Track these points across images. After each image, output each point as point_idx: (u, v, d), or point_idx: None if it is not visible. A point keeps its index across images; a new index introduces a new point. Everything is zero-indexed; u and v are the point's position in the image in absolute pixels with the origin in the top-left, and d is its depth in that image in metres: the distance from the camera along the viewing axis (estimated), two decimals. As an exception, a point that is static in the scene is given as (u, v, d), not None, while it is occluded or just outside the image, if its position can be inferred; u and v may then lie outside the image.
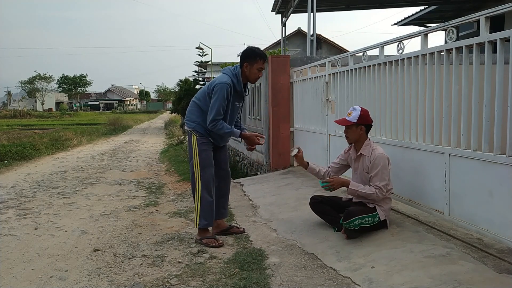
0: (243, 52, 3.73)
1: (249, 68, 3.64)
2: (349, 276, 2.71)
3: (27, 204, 5.74)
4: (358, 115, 3.33)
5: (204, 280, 2.90)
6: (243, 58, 3.68)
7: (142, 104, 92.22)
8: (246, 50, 3.70)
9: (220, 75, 3.69)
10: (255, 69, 3.65)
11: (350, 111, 3.40)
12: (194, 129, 3.68)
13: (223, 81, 3.56)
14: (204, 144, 3.65)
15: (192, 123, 3.71)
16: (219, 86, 3.54)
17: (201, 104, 3.68)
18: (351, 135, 3.41)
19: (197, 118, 3.69)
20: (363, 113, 3.35)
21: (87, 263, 3.39)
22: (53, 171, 8.94)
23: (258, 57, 3.63)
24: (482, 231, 2.81)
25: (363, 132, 3.38)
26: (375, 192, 3.20)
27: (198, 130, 3.67)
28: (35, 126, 28.00)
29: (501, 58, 2.67)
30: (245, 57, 3.66)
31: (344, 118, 3.41)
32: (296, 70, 6.69)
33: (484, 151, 2.76)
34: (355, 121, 3.33)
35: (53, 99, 70.33)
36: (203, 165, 3.62)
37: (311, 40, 9.96)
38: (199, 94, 3.76)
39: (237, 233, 3.84)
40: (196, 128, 3.68)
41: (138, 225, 4.50)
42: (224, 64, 22.32)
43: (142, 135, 22.27)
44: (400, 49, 3.65)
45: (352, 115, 3.36)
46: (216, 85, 3.57)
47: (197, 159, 3.63)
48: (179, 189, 6.57)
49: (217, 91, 3.54)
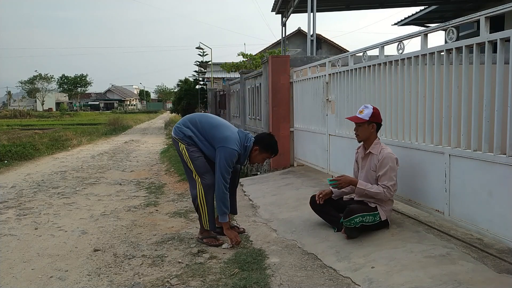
0: (262, 137, 3.74)
1: (257, 154, 3.69)
2: (349, 276, 2.71)
3: (27, 204, 5.74)
4: (370, 112, 3.32)
5: (204, 280, 2.90)
6: (258, 141, 3.68)
7: (142, 104, 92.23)
8: (266, 138, 3.72)
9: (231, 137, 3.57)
10: (261, 157, 3.73)
11: (362, 109, 3.38)
12: (181, 139, 3.63)
13: (234, 149, 3.52)
14: (195, 152, 3.61)
15: (180, 133, 3.65)
16: (230, 151, 3.50)
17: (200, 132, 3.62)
18: (362, 132, 3.40)
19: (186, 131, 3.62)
20: (375, 111, 3.35)
21: (87, 263, 3.39)
22: (53, 171, 8.94)
23: (271, 150, 3.72)
24: (482, 231, 2.81)
25: (374, 130, 3.37)
26: (383, 191, 3.20)
27: (186, 140, 3.62)
28: (35, 126, 27.98)
29: (501, 58, 2.67)
30: (261, 142, 3.68)
31: (356, 116, 3.40)
32: (296, 70, 6.69)
33: (484, 151, 2.76)
34: (368, 119, 3.32)
35: (53, 99, 70.30)
36: (200, 172, 3.61)
37: (311, 40, 9.97)
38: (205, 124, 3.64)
39: (238, 233, 3.84)
40: (184, 139, 3.63)
41: (138, 225, 4.50)
42: (224, 64, 22.33)
43: (142, 135, 22.25)
44: (400, 49, 3.64)
45: (364, 112, 3.34)
46: (226, 147, 3.50)
47: (192, 167, 3.62)
48: (179, 189, 6.57)
49: (226, 154, 3.50)
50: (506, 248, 2.69)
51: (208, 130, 3.62)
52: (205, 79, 26.22)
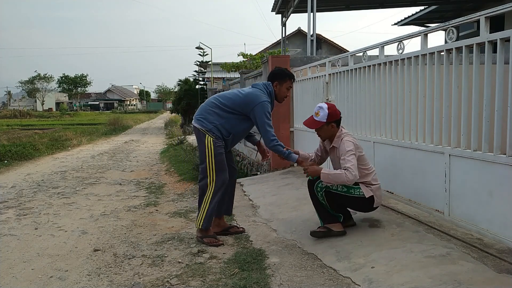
0: (271, 72, 3.77)
1: (279, 88, 3.70)
2: (349, 276, 2.71)
3: (27, 204, 5.74)
4: (326, 114, 3.27)
5: (204, 280, 2.90)
6: (272, 78, 3.72)
7: (142, 104, 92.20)
8: (274, 71, 3.74)
9: (254, 92, 3.61)
10: (285, 88, 3.72)
11: (317, 110, 3.33)
12: (210, 130, 3.56)
13: (264, 100, 3.54)
14: (220, 147, 3.57)
15: (209, 123, 3.57)
16: (261, 105, 3.51)
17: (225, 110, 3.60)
18: (323, 133, 3.39)
19: (215, 120, 3.58)
20: (331, 111, 3.29)
21: (87, 263, 3.39)
22: (53, 171, 8.94)
23: (287, 76, 3.72)
24: (482, 231, 2.81)
25: (334, 128, 3.35)
26: (344, 173, 3.13)
27: (215, 132, 3.57)
28: (35, 126, 27.99)
29: (501, 58, 2.67)
30: (274, 77, 3.71)
31: (313, 119, 3.34)
32: (296, 70, 6.69)
33: (484, 151, 2.76)
34: (325, 121, 3.29)
35: (53, 99, 70.29)
36: (218, 169, 3.56)
37: (311, 40, 9.96)
38: (226, 100, 3.63)
39: (237, 232, 3.84)
40: (213, 130, 3.57)
41: (138, 225, 4.50)
42: (224, 64, 22.32)
43: (142, 135, 22.26)
44: (400, 49, 3.65)
45: (320, 114, 3.30)
46: (257, 105, 3.52)
47: (212, 162, 3.55)
48: (179, 189, 6.57)
49: (261, 110, 3.51)
50: (506, 248, 2.69)
51: (231, 103, 3.60)
52: (205, 79, 26.21)
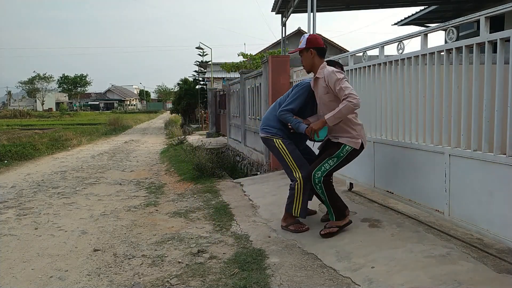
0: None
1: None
2: (349, 276, 2.71)
3: (27, 204, 5.74)
4: (305, 39, 3.48)
5: (204, 280, 2.90)
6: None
7: (142, 104, 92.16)
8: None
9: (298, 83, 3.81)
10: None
11: (300, 39, 3.54)
12: (275, 134, 3.75)
13: (307, 82, 3.70)
14: (291, 144, 3.72)
15: (272, 128, 3.77)
16: (303, 85, 3.68)
17: None
18: (305, 61, 3.54)
19: (276, 125, 3.77)
20: (310, 37, 3.51)
21: (87, 263, 3.39)
22: (53, 171, 8.95)
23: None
24: (482, 231, 2.81)
25: (314, 55, 3.48)
26: (347, 103, 3.17)
27: (280, 134, 3.74)
28: (35, 126, 27.98)
29: (501, 58, 2.67)
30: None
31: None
32: (296, 70, 6.69)
33: (484, 151, 2.76)
34: (304, 46, 3.46)
35: (53, 99, 70.26)
36: (299, 164, 3.67)
37: (311, 40, 9.94)
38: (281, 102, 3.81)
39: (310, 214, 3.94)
40: (278, 133, 3.75)
41: (138, 225, 4.50)
42: (224, 64, 22.32)
43: (142, 135, 22.26)
44: (400, 49, 3.64)
45: (301, 42, 3.51)
46: (299, 84, 3.74)
47: (291, 159, 3.68)
48: (179, 189, 6.57)
49: (300, 90, 3.68)
50: (506, 248, 2.69)
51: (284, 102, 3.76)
52: (205, 79, 26.21)
